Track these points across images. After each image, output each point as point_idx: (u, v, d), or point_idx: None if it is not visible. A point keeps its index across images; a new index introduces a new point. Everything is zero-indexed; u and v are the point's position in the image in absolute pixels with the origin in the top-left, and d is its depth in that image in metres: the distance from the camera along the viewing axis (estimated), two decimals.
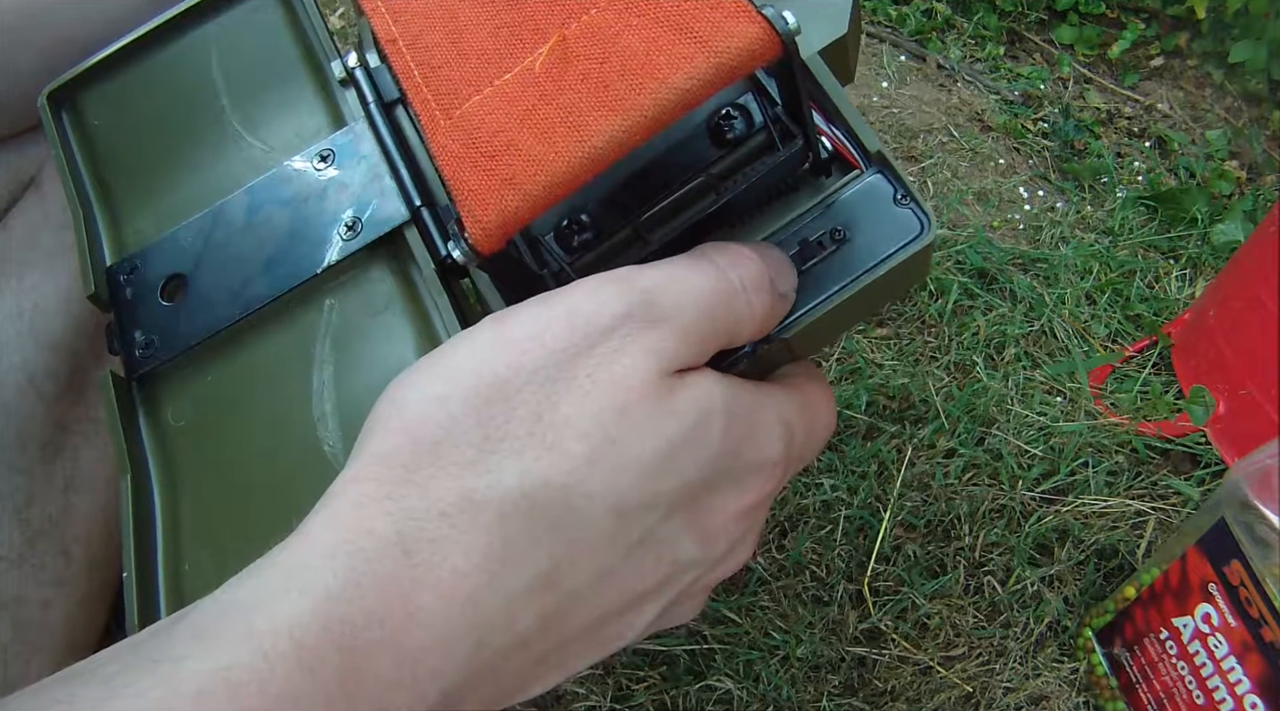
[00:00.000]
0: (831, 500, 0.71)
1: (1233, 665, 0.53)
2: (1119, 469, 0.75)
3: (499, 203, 0.24)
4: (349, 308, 0.35)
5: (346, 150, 0.37)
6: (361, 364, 0.34)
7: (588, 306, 0.25)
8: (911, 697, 0.63)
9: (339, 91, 0.39)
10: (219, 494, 0.33)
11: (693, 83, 0.25)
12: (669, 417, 0.24)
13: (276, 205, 0.36)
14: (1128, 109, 1.20)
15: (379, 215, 0.35)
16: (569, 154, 0.25)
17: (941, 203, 0.99)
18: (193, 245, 0.37)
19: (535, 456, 0.23)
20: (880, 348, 0.83)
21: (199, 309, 0.36)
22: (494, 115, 0.26)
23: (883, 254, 0.31)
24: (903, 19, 1.25)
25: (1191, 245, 0.97)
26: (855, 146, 0.33)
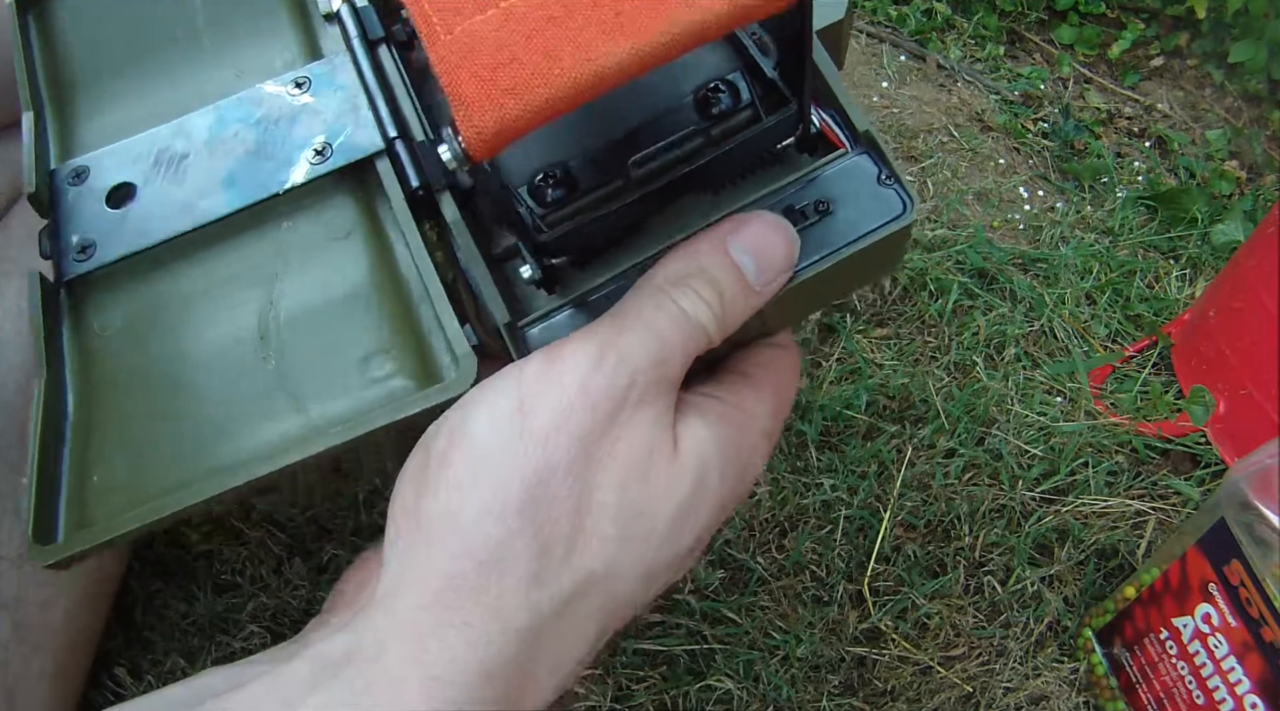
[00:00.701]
0: (831, 500, 0.71)
1: (1233, 665, 0.53)
2: (1119, 469, 0.75)
3: (498, 109, 0.25)
4: (308, 230, 0.35)
5: (323, 79, 0.37)
6: (316, 285, 0.34)
7: (597, 384, 0.26)
8: (911, 697, 0.63)
9: (320, 26, 0.39)
10: (141, 405, 0.33)
11: (709, 17, 0.25)
12: (678, 478, 0.27)
13: (244, 125, 0.36)
14: (1128, 109, 1.20)
15: (351, 142, 0.35)
16: (574, 72, 0.25)
17: (941, 203, 0.99)
18: (147, 154, 0.36)
19: (581, 552, 0.26)
20: (880, 348, 0.83)
21: (145, 217, 0.35)
22: (497, 33, 0.26)
23: (865, 229, 0.31)
24: (903, 19, 1.25)
25: (1191, 245, 0.97)
26: (844, 125, 0.33)
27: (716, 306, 0.29)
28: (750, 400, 0.31)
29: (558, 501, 0.26)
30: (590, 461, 0.26)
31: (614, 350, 0.27)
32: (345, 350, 0.33)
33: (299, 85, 0.37)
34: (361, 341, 0.33)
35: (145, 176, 0.36)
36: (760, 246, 0.29)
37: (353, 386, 0.32)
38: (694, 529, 0.28)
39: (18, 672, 0.48)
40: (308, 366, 0.33)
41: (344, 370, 0.32)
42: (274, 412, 0.32)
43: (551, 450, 0.26)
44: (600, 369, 0.27)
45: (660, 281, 0.29)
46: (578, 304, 0.32)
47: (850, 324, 0.84)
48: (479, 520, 0.25)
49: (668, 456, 0.27)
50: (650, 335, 0.27)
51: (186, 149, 0.36)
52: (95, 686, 0.59)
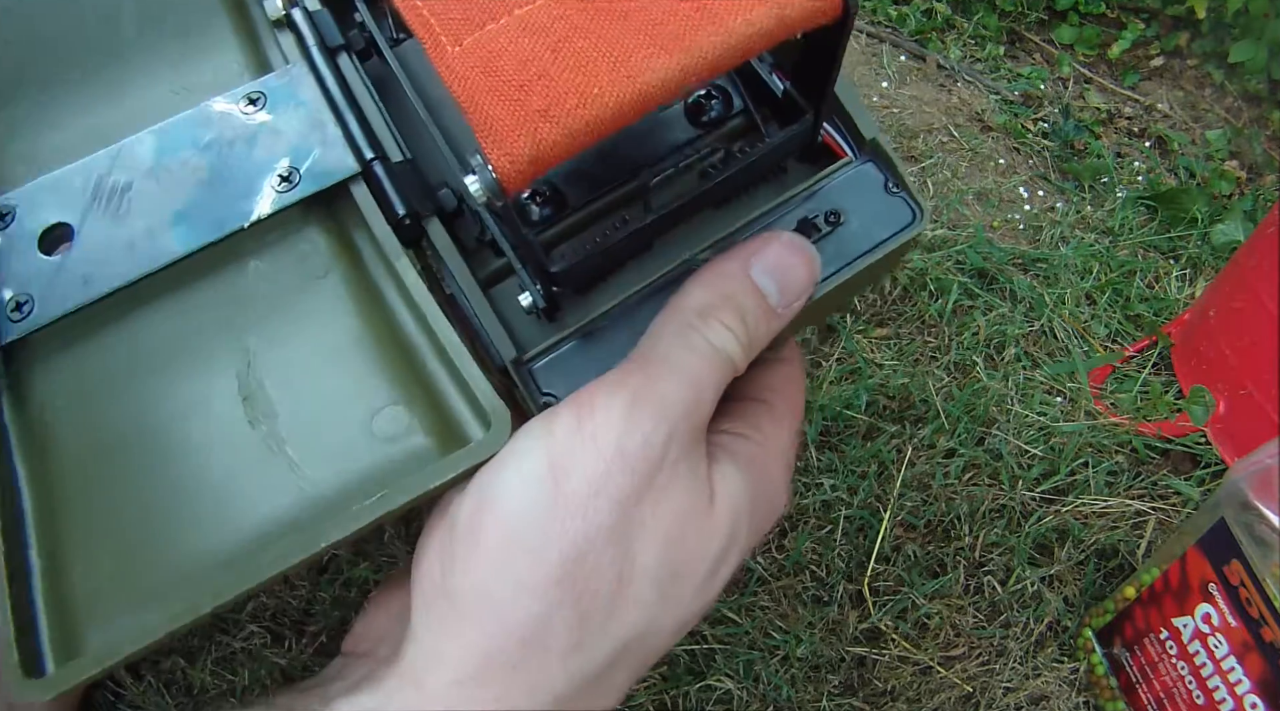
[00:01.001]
0: (831, 500, 0.71)
1: (1233, 665, 0.53)
2: (1119, 469, 0.75)
3: (533, 134, 0.22)
4: (279, 271, 0.31)
5: (280, 93, 0.32)
6: (298, 335, 0.30)
7: (634, 443, 0.25)
8: (911, 697, 0.63)
9: (267, 34, 0.35)
10: (114, 492, 0.28)
11: (754, 30, 0.23)
12: (714, 535, 0.27)
13: (193, 149, 0.31)
14: (1128, 109, 1.20)
15: (321, 166, 0.31)
16: (616, 90, 0.22)
17: (941, 203, 0.99)
18: (82, 189, 0.31)
19: (620, 617, 0.25)
20: (880, 348, 0.83)
21: (87, 264, 0.30)
22: (517, 44, 0.23)
23: (878, 239, 0.31)
24: (903, 19, 1.25)
25: (1191, 245, 0.97)
26: (849, 133, 0.32)
27: (743, 336, 0.28)
28: (772, 432, 0.31)
29: (598, 571, 0.25)
30: (630, 526, 0.25)
31: (649, 402, 0.25)
32: (347, 407, 0.28)
33: (253, 101, 0.32)
34: (364, 396, 0.29)
35: (82, 214, 0.31)
36: (783, 269, 0.28)
37: (363, 449, 0.28)
38: (725, 577, 0.28)
39: None
40: (306, 429, 0.28)
41: (349, 430, 0.28)
42: (274, 486, 0.27)
43: (590, 517, 0.24)
44: (637, 425, 0.25)
45: (688, 315, 0.27)
46: (585, 334, 0.30)
47: (850, 324, 0.84)
48: (516, 596, 0.24)
49: (704, 514, 0.27)
50: (684, 380, 0.26)
51: (128, 179, 0.31)
52: (95, 686, 0.59)
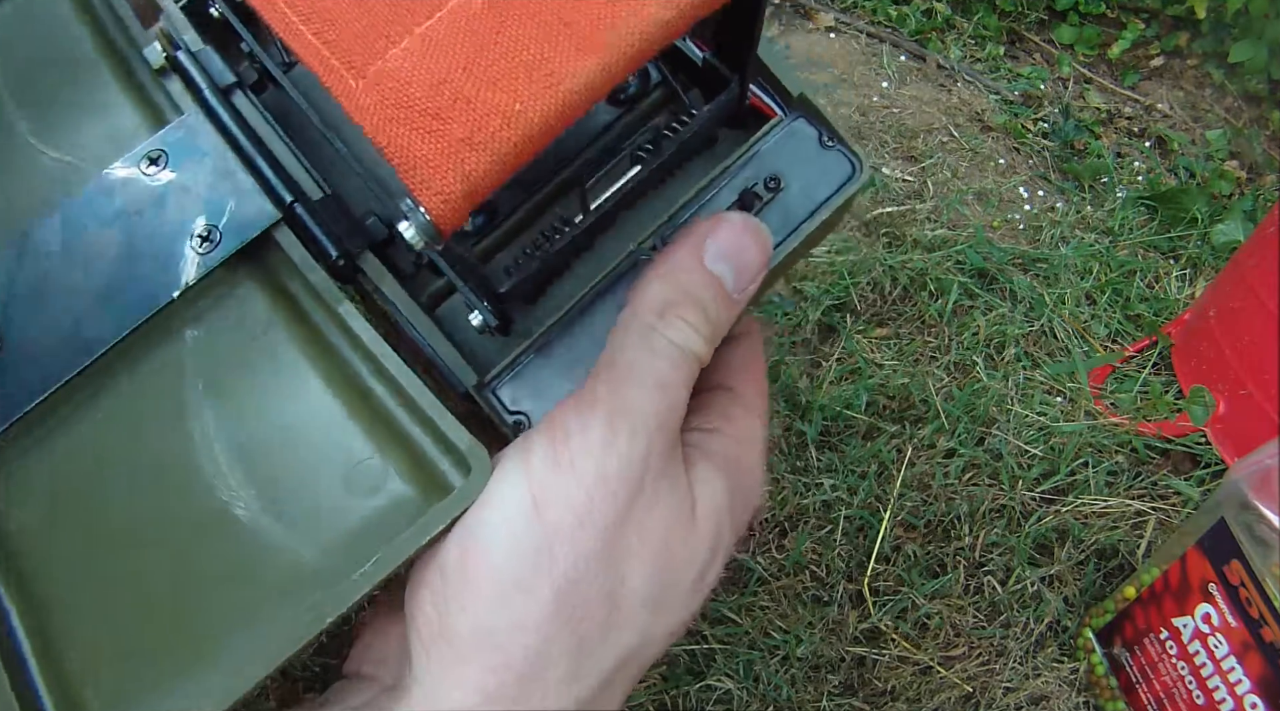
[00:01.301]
0: (831, 500, 0.71)
1: (1233, 665, 0.53)
2: (1119, 469, 0.75)
3: (461, 167, 0.21)
4: (218, 336, 0.29)
5: (181, 147, 0.30)
6: (252, 401, 0.29)
7: (613, 467, 0.25)
8: (911, 697, 0.63)
9: (153, 84, 0.32)
10: (105, 595, 0.27)
11: (671, 13, 0.22)
12: (699, 546, 0.27)
13: (101, 224, 0.30)
14: (1128, 109, 1.20)
15: (239, 218, 0.29)
16: (540, 103, 0.21)
17: (941, 203, 0.99)
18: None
19: (616, 636, 0.26)
20: (880, 348, 0.83)
21: (21, 365, 0.29)
22: (426, 67, 0.22)
23: (820, 198, 0.30)
24: (903, 19, 1.25)
25: (1191, 245, 0.97)
26: (775, 91, 0.31)
27: (705, 329, 0.27)
28: (743, 420, 0.30)
29: (590, 598, 0.25)
30: (617, 551, 0.25)
31: (622, 418, 0.25)
32: (320, 468, 0.27)
33: (153, 161, 0.30)
34: (335, 453, 0.28)
35: (3, 314, 0.29)
36: (736, 251, 0.28)
37: (344, 508, 0.27)
38: (711, 580, 0.28)
39: None
40: (282, 497, 0.27)
41: (327, 491, 0.27)
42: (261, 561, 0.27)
43: (578, 548, 0.25)
44: (613, 446, 0.25)
45: (647, 316, 0.26)
46: (540, 347, 0.29)
47: (850, 324, 0.84)
48: (512, 635, 0.24)
49: (688, 526, 0.27)
50: (654, 388, 0.26)
51: (43, 268, 0.29)
52: None
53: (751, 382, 0.32)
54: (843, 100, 1.12)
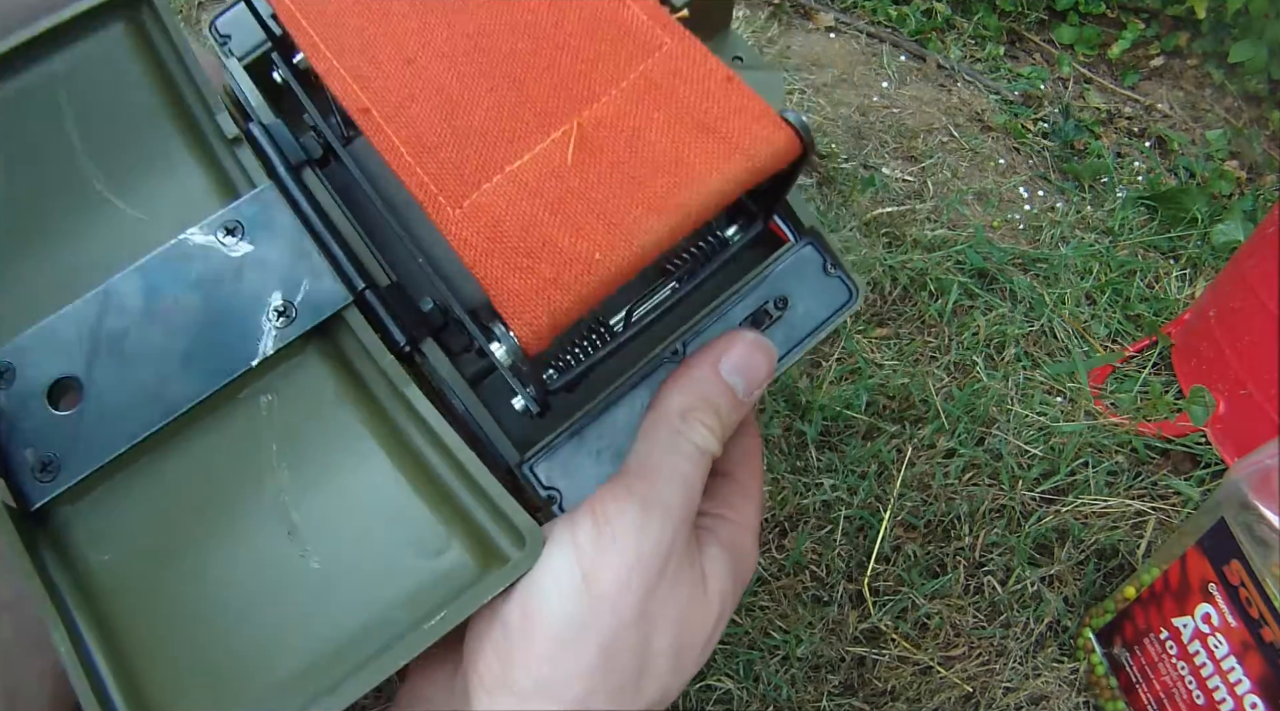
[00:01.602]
0: (831, 500, 0.71)
1: (1233, 665, 0.53)
2: (1119, 469, 0.75)
3: (549, 304, 0.24)
4: (291, 404, 0.31)
5: (257, 221, 0.32)
6: (324, 467, 0.30)
7: (648, 547, 0.30)
8: (911, 697, 0.63)
9: (221, 149, 0.34)
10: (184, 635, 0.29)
11: (729, 184, 0.25)
12: (708, 616, 0.33)
13: (183, 288, 0.31)
14: (1128, 109, 1.20)
15: (314, 298, 0.31)
16: (617, 254, 0.24)
17: (941, 203, 0.99)
18: (78, 338, 0.31)
19: (645, 686, 0.31)
20: (880, 348, 0.83)
21: (105, 416, 0.30)
22: (517, 207, 0.25)
23: (820, 319, 0.34)
24: (903, 19, 1.26)
25: (1191, 245, 0.97)
26: (789, 220, 0.35)
27: (719, 430, 0.32)
28: (743, 506, 0.36)
29: (626, 652, 0.30)
30: (647, 617, 0.31)
31: (655, 508, 0.31)
32: (389, 535, 0.30)
33: (230, 231, 0.32)
34: (401, 522, 0.30)
35: (86, 364, 0.30)
36: (747, 366, 0.33)
37: (414, 571, 0.29)
38: (713, 644, 0.34)
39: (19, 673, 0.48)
40: (356, 558, 0.29)
41: (397, 556, 0.30)
42: (334, 614, 0.29)
43: (619, 613, 0.30)
44: (648, 531, 0.30)
45: (673, 420, 0.32)
46: (574, 432, 0.32)
47: (850, 324, 0.84)
48: (566, 684, 0.30)
49: (701, 599, 0.33)
50: (680, 483, 0.31)
51: (124, 324, 0.31)
52: None
53: (750, 472, 0.38)
54: (843, 100, 1.12)
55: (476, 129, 0.26)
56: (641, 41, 0.27)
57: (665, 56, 0.27)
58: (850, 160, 1.03)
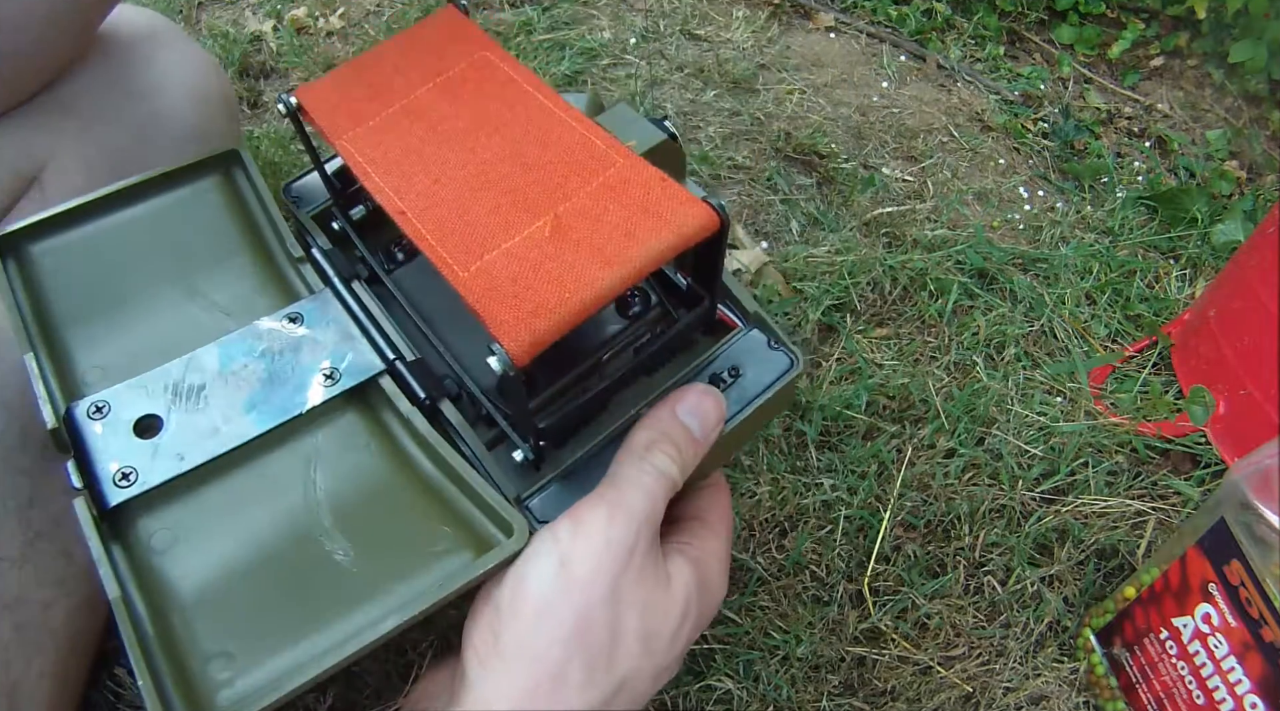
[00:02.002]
0: (831, 500, 0.71)
1: (1233, 665, 0.53)
2: (1119, 469, 0.75)
3: (531, 327, 0.31)
4: (330, 443, 0.40)
5: (314, 314, 0.42)
6: (353, 487, 0.39)
7: (616, 537, 0.35)
8: (911, 697, 0.63)
9: (288, 267, 0.45)
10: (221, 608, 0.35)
11: (664, 246, 0.34)
12: (673, 606, 0.38)
13: (251, 357, 0.41)
14: (1128, 109, 1.20)
15: (355, 365, 0.41)
16: (580, 295, 0.32)
17: (941, 203, 0.99)
18: (164, 389, 0.40)
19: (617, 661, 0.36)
20: (880, 348, 0.83)
21: (180, 445, 0.38)
22: (508, 268, 0.33)
23: (767, 383, 0.42)
24: (903, 19, 1.26)
25: (1191, 245, 0.97)
26: (737, 309, 0.43)
27: (678, 459, 0.38)
28: (710, 540, 0.42)
29: (599, 628, 0.35)
30: (617, 597, 0.35)
31: (620, 509, 0.36)
32: (404, 535, 0.37)
33: (293, 320, 0.42)
34: (415, 527, 0.37)
35: (167, 407, 0.39)
36: (699, 409, 0.39)
37: (423, 563, 0.36)
38: (681, 642, 0.38)
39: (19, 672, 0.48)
40: (378, 552, 0.37)
41: (411, 551, 0.37)
42: (363, 595, 0.35)
43: (591, 591, 0.35)
44: (615, 525, 0.36)
45: (638, 448, 0.38)
46: (563, 477, 0.39)
47: (850, 324, 0.84)
48: (547, 649, 0.34)
49: (665, 592, 0.38)
50: (642, 493, 0.37)
51: (201, 381, 0.40)
52: (96, 686, 0.59)
53: (718, 516, 0.44)
54: (843, 100, 1.12)
55: (481, 222, 0.35)
56: (602, 161, 0.37)
57: (618, 169, 0.36)
58: (850, 160, 1.03)
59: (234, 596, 0.36)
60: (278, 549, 0.37)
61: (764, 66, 1.15)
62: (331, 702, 0.60)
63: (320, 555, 0.36)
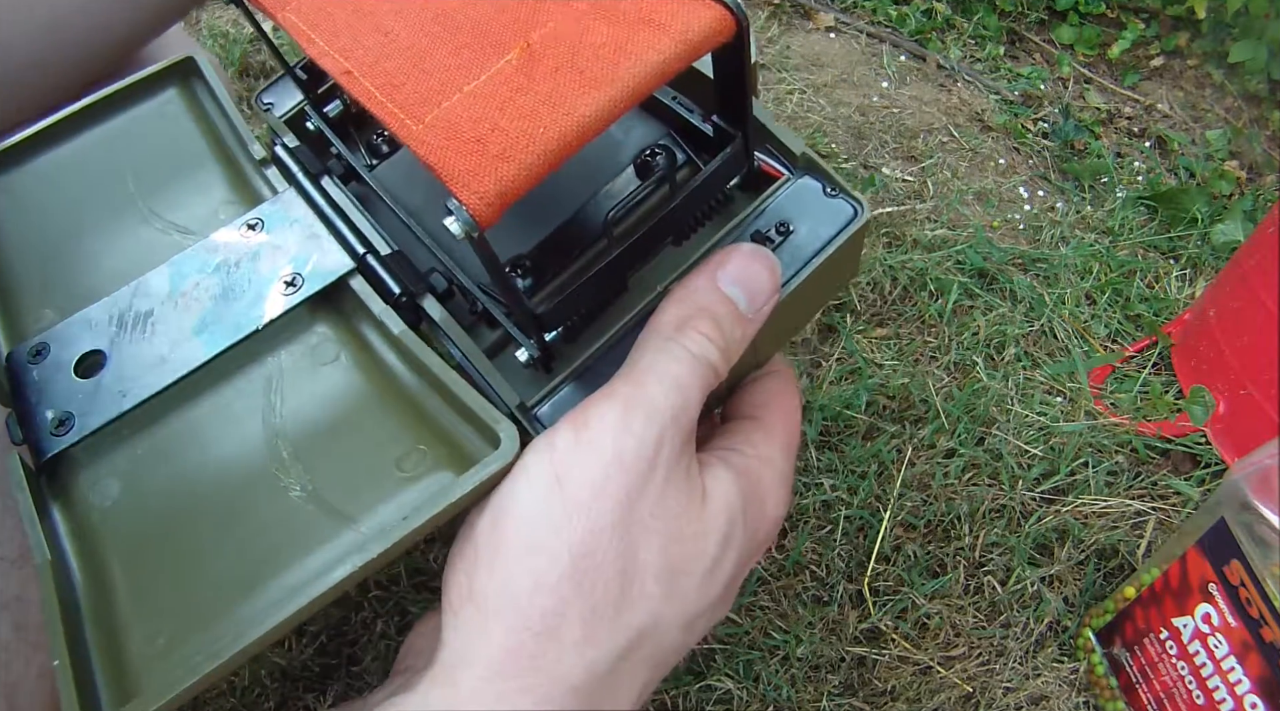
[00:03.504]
0: (831, 500, 0.71)
1: (1233, 665, 0.53)
2: (1119, 469, 0.75)
3: (495, 174, 0.25)
4: (294, 361, 0.35)
5: (275, 217, 0.37)
6: (316, 408, 0.33)
7: (629, 445, 0.27)
8: (911, 697, 0.63)
9: (253, 173, 0.40)
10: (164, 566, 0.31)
11: (664, 57, 0.26)
12: (709, 533, 0.29)
13: (203, 274, 0.36)
14: (1128, 109, 1.20)
15: (320, 268, 0.35)
16: (557, 127, 0.25)
17: (941, 202, 0.99)
18: (108, 320, 0.35)
19: (629, 610, 0.27)
20: (880, 348, 0.83)
21: (120, 380, 0.34)
22: (471, 112, 0.27)
23: (827, 237, 0.33)
24: (903, 19, 1.25)
25: (1191, 245, 0.97)
26: (781, 155, 0.35)
27: (719, 341, 0.29)
28: (763, 445, 0.32)
29: (605, 566, 0.27)
30: (631, 524, 0.27)
31: (639, 407, 0.28)
32: (373, 459, 0.32)
33: (251, 227, 0.37)
34: (386, 448, 0.32)
35: (111, 341, 0.35)
36: (747, 276, 0.30)
37: (394, 490, 0.31)
38: (723, 578, 0.29)
39: (18, 672, 0.48)
40: (341, 483, 0.31)
41: (380, 477, 0.31)
42: (320, 537, 0.30)
43: (594, 517, 0.27)
44: (629, 429, 0.27)
45: (665, 329, 0.29)
46: (577, 375, 0.32)
47: (850, 324, 0.84)
48: (533, 595, 0.26)
49: (699, 513, 0.29)
50: (669, 385, 0.28)
51: (149, 306, 0.35)
52: None
53: (778, 413, 0.34)
54: (843, 100, 1.12)
55: (440, 66, 0.28)
56: None
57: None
58: (850, 160, 1.03)
59: (178, 551, 0.31)
60: (228, 491, 0.32)
61: (764, 66, 1.15)
62: (331, 702, 0.60)
63: (275, 493, 0.31)
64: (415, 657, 0.35)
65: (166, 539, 0.31)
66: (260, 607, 0.29)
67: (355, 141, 0.41)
